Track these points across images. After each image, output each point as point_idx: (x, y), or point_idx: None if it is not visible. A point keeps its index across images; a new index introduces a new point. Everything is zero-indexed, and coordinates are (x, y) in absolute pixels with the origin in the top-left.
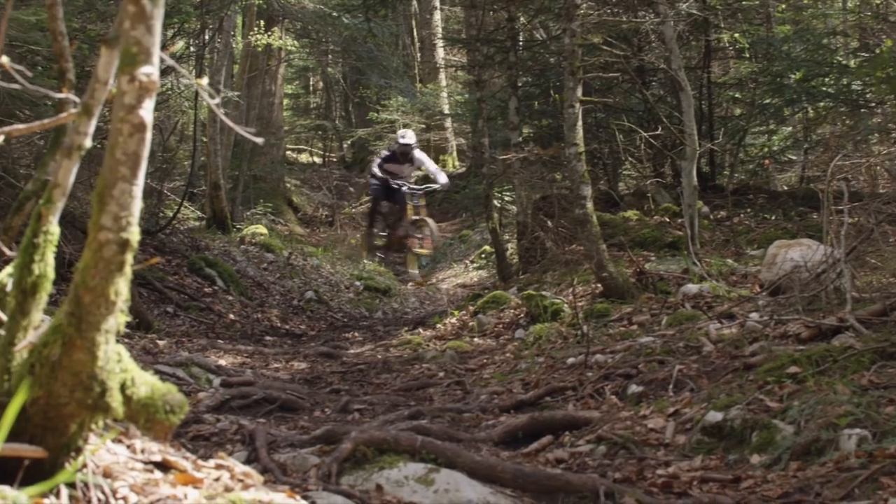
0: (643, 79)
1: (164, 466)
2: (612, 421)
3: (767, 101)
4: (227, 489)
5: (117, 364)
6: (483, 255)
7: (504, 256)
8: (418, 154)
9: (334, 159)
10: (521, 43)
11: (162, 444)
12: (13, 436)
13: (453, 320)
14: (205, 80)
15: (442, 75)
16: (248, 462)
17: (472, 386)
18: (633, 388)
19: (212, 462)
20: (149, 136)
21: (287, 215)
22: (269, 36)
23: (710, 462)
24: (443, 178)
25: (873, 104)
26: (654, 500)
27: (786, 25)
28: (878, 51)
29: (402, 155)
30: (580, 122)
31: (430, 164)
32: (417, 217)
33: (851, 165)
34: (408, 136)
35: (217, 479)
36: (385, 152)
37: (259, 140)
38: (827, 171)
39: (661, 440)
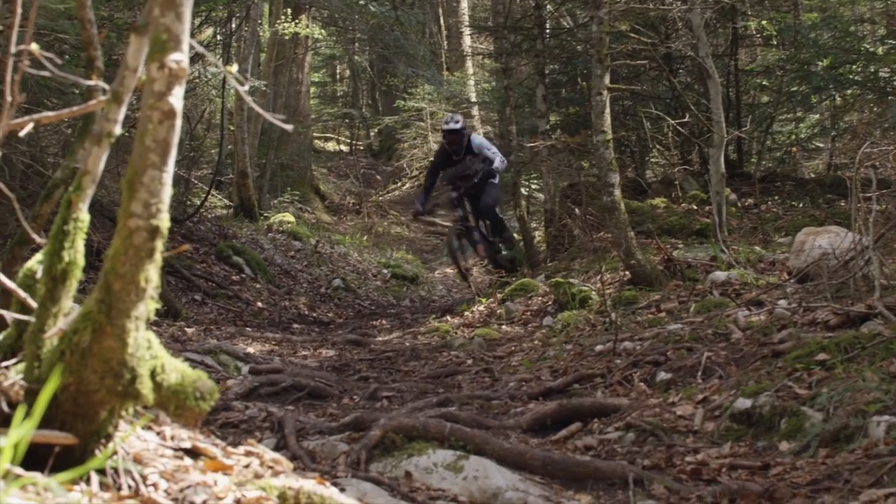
0: (670, 66)
1: (193, 453)
2: (640, 408)
3: (795, 88)
4: (257, 476)
5: (147, 351)
6: None
7: (532, 244)
8: (477, 140)
9: (361, 147)
10: (548, 31)
11: (192, 430)
12: (44, 422)
13: (481, 308)
14: (234, 68)
15: (469, 63)
16: (277, 449)
17: (500, 373)
18: (662, 376)
19: (241, 449)
20: (178, 122)
21: (314, 203)
22: (295, 24)
23: (739, 449)
24: (497, 162)
25: None
26: (683, 487)
27: (813, 13)
28: None
29: (452, 145)
30: (608, 110)
31: (488, 151)
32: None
33: (879, 153)
34: (453, 121)
35: (247, 466)
36: (433, 160)
37: (288, 127)
38: (855, 158)
39: (690, 427)
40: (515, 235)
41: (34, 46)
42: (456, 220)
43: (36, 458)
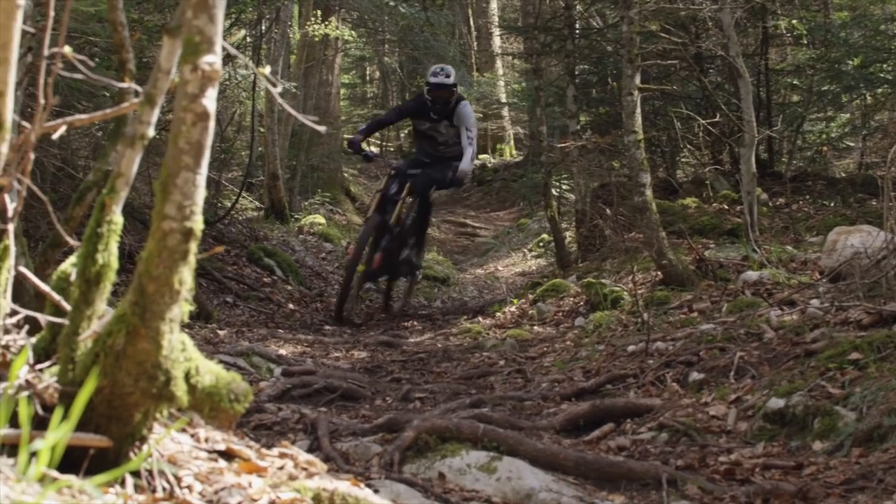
0: (701, 66)
1: (228, 455)
2: (673, 408)
3: (825, 87)
4: (291, 477)
5: (181, 353)
6: (541, 244)
7: (563, 245)
8: (466, 111)
9: (391, 149)
10: (578, 31)
11: (226, 432)
12: (78, 425)
13: (513, 309)
14: (267, 69)
15: (499, 64)
16: (310, 451)
17: (532, 374)
18: (695, 376)
19: (275, 451)
20: (212, 125)
21: (345, 205)
22: (325, 26)
23: (773, 449)
24: (466, 162)
25: None
26: (716, 487)
27: (843, 11)
28: None
29: (436, 103)
30: (638, 110)
31: (467, 134)
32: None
33: None
34: (444, 73)
35: (281, 468)
36: (403, 103)
37: (321, 128)
38: (886, 157)
39: (723, 427)
40: (546, 236)
41: (67, 49)
42: (385, 195)
43: (70, 460)
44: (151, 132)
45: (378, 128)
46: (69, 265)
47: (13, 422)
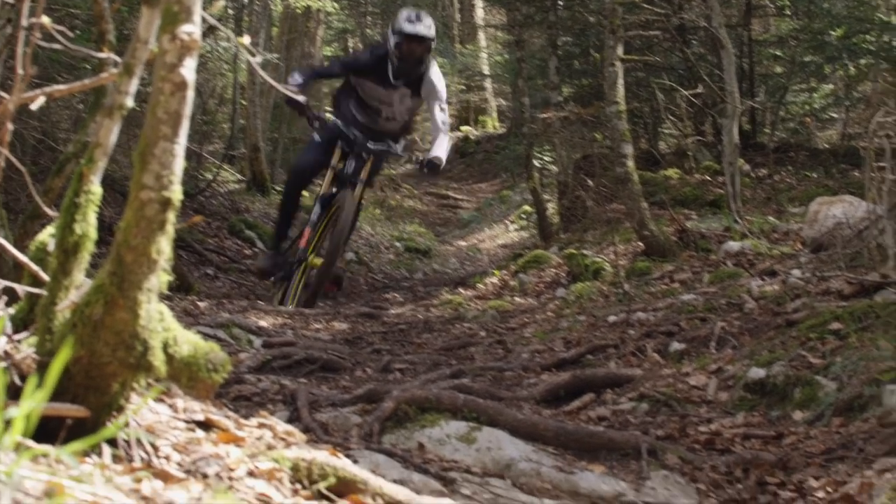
0: (684, 37)
1: (206, 425)
2: (654, 378)
3: (808, 58)
4: (270, 447)
5: (159, 323)
6: (523, 216)
7: (545, 216)
8: (437, 78)
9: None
10: (560, 2)
11: (204, 403)
12: (56, 395)
13: (494, 280)
14: (247, 39)
15: (481, 35)
16: (289, 421)
17: (513, 345)
18: (675, 346)
19: (254, 421)
20: (191, 94)
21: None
22: None
23: (753, 419)
24: (441, 149)
25: None
26: (696, 457)
27: None
28: None
29: (405, 59)
30: (621, 81)
31: (440, 117)
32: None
33: (893, 122)
34: (424, 23)
35: (259, 438)
36: (355, 55)
37: (302, 98)
38: (868, 128)
39: (704, 397)
40: (528, 208)
41: (45, 20)
42: (340, 174)
43: (47, 431)
44: (130, 102)
45: (316, 80)
46: (47, 236)
47: None
